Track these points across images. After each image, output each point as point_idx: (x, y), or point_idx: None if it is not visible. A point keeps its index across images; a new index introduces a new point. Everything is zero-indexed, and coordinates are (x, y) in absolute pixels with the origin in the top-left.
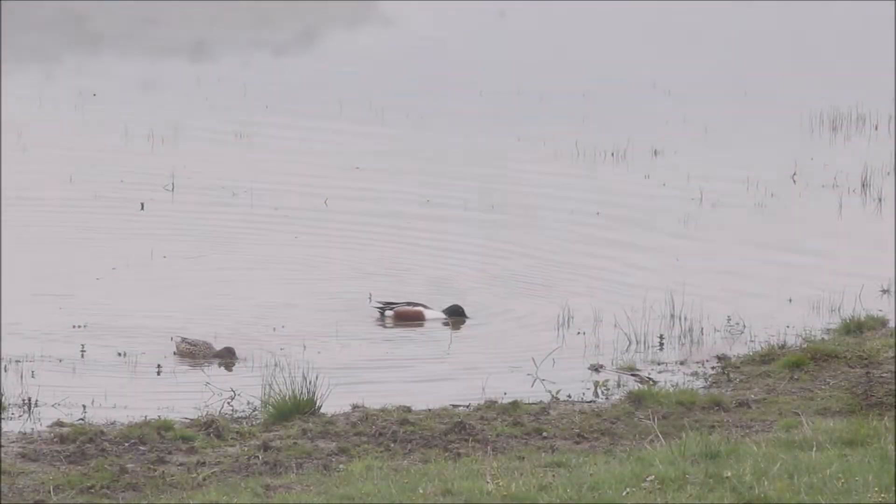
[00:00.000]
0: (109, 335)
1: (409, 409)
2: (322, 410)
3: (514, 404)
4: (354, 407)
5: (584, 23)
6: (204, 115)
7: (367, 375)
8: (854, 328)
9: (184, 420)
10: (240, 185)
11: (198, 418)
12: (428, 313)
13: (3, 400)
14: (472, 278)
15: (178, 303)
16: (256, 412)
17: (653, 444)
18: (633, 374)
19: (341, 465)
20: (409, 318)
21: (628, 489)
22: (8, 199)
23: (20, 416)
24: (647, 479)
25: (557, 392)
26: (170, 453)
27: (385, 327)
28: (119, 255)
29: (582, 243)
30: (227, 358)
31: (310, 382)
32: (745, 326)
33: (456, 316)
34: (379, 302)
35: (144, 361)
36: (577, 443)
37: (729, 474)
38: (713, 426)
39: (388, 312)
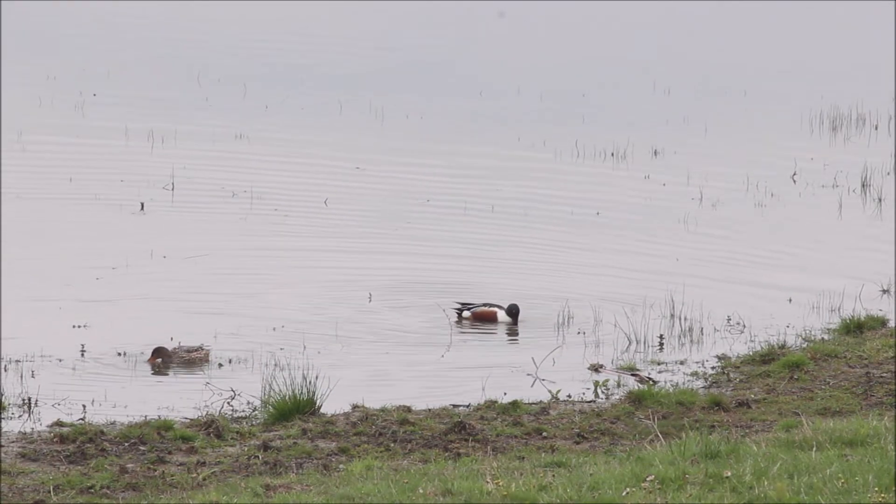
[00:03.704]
0: (109, 335)
1: (409, 409)
2: (322, 410)
3: (514, 404)
4: (354, 407)
5: (584, 23)
6: (204, 115)
7: (367, 375)
8: (854, 328)
9: (184, 420)
10: (240, 185)
11: (198, 418)
12: (500, 315)
13: (3, 400)
14: (471, 278)
15: (178, 303)
16: (256, 412)
17: (653, 444)
18: (633, 374)
19: (341, 465)
20: (484, 318)
21: (628, 489)
22: (8, 198)
23: (20, 416)
24: (647, 479)
25: (557, 392)
26: (170, 453)
27: (461, 328)
28: (119, 255)
29: (582, 243)
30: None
31: (310, 382)
32: (745, 326)
33: (511, 315)
34: (457, 303)
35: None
36: (577, 443)
37: (729, 474)
38: (713, 426)
39: (466, 313)
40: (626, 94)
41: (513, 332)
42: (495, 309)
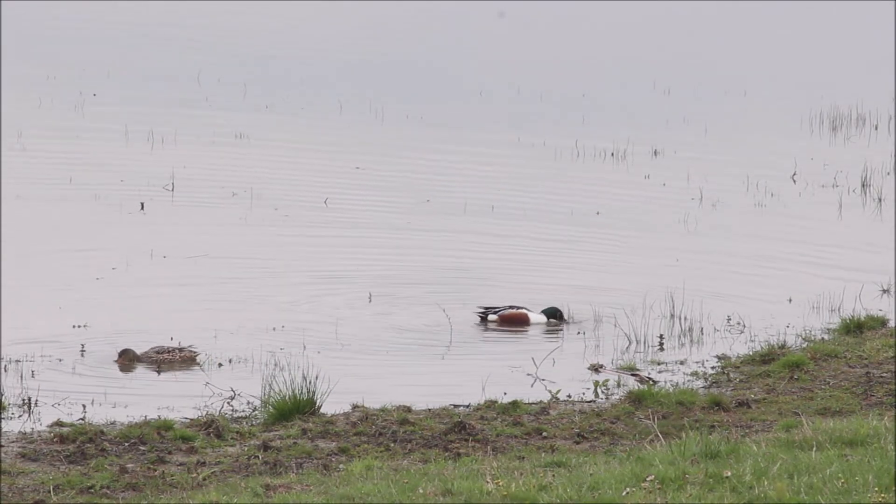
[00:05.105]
0: (109, 335)
1: (409, 409)
2: (322, 410)
3: (514, 404)
4: (354, 407)
5: (584, 23)
6: (204, 115)
7: (367, 375)
8: (854, 328)
9: (184, 420)
10: (240, 185)
11: (198, 418)
12: (532, 316)
13: (3, 400)
14: (472, 278)
15: (178, 303)
16: (256, 412)
17: (653, 444)
18: (633, 374)
19: (341, 465)
20: (514, 321)
21: (628, 489)
22: (8, 199)
23: (20, 416)
24: (647, 479)
25: (557, 392)
26: (170, 453)
27: (488, 331)
28: (119, 255)
29: (582, 243)
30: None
31: (310, 382)
32: (745, 326)
33: (553, 318)
34: (480, 307)
35: None
36: (577, 443)
37: (729, 474)
38: (713, 426)
39: (492, 317)
40: (626, 94)
41: (547, 332)
42: (525, 311)
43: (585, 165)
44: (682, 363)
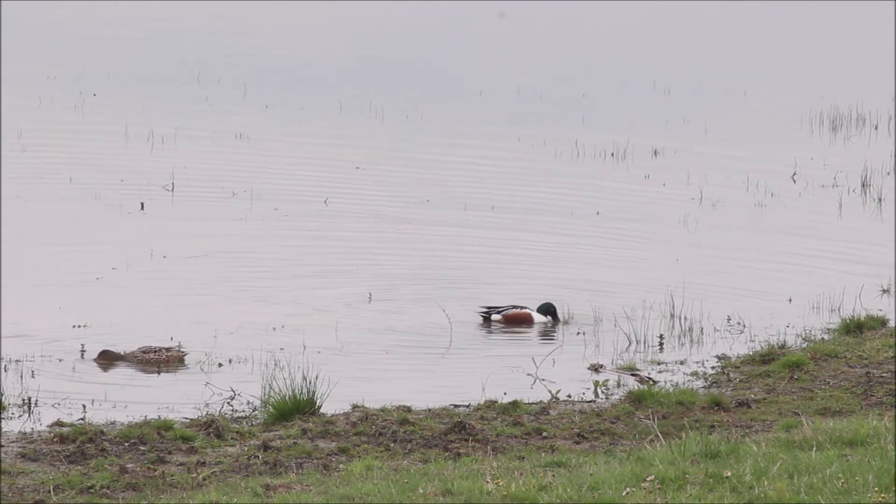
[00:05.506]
0: (109, 335)
1: (409, 409)
2: (322, 410)
3: (514, 404)
4: (354, 407)
5: (584, 23)
6: (204, 115)
7: (367, 375)
8: (854, 328)
9: (184, 420)
10: (240, 185)
11: (198, 418)
12: (535, 316)
13: (3, 400)
14: (472, 278)
15: (178, 302)
16: (256, 412)
17: (653, 444)
18: (633, 374)
19: (341, 465)
20: (518, 320)
21: (628, 489)
22: (8, 198)
23: (20, 416)
24: (647, 479)
25: (557, 392)
26: (170, 453)
27: (490, 331)
28: (119, 255)
29: (581, 243)
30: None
31: (310, 382)
32: (745, 326)
33: (548, 315)
34: (482, 307)
35: None
36: (577, 443)
37: (729, 474)
38: (713, 426)
39: (496, 316)
40: (626, 94)
41: (546, 332)
42: (529, 310)
43: (585, 165)
44: (682, 363)
